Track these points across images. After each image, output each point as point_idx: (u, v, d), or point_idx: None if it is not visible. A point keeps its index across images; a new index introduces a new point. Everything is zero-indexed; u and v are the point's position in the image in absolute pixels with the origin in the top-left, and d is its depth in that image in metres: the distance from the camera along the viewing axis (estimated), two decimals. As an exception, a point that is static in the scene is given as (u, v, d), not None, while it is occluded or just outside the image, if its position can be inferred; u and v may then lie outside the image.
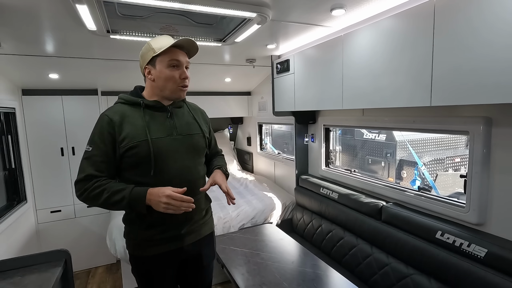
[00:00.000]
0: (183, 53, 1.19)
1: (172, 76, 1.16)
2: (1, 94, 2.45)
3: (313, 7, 1.56)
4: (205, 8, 1.44)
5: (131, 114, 1.15)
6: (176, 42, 1.15)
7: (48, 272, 1.29)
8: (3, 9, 1.41)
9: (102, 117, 1.15)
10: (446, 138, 3.99)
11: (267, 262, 1.86)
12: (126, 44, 2.07)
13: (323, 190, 2.51)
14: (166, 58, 1.15)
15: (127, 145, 1.10)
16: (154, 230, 1.18)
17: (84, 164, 1.11)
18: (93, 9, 1.39)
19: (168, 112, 1.22)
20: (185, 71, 1.18)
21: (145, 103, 1.18)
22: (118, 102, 1.22)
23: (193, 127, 1.27)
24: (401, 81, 1.48)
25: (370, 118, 2.14)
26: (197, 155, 1.27)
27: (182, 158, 1.19)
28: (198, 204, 1.25)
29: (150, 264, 1.22)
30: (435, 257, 1.55)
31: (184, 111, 1.30)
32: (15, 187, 2.69)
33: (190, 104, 1.38)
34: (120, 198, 1.06)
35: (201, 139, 1.28)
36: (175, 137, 1.20)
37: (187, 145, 1.22)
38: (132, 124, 1.13)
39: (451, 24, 1.23)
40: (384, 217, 1.92)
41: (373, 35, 1.63)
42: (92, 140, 1.12)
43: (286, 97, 2.59)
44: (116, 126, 1.11)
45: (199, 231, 1.29)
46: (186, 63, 1.20)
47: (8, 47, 2.01)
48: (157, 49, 1.14)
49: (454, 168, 3.68)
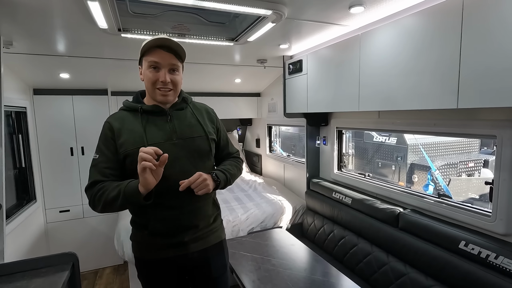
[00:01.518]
0: (168, 55, 1.09)
1: (150, 78, 1.10)
2: (13, 93, 2.45)
3: (331, 5, 1.50)
4: (220, 5, 1.39)
5: (130, 120, 1.13)
6: (153, 42, 1.07)
7: (55, 276, 1.25)
8: (15, 6, 1.39)
9: (104, 124, 1.14)
10: (459, 142, 3.86)
11: (279, 269, 1.79)
12: (137, 44, 2.00)
13: (335, 194, 2.44)
14: (148, 59, 1.09)
15: (124, 152, 1.08)
16: (158, 235, 1.15)
17: (91, 172, 1.09)
18: (105, 6, 1.36)
19: (167, 116, 1.16)
20: (163, 74, 1.08)
21: (143, 108, 1.14)
22: (121, 108, 1.20)
23: (195, 130, 1.20)
24: (424, 82, 1.41)
25: (386, 121, 2.06)
26: (200, 160, 1.19)
27: (182, 164, 1.12)
28: (203, 211, 1.21)
29: (154, 269, 1.18)
30: (458, 268, 1.47)
31: (186, 113, 1.22)
32: (25, 186, 2.69)
33: (195, 104, 1.30)
34: (116, 193, 1.01)
35: (204, 141, 1.20)
36: (175, 141, 1.13)
37: (188, 150, 1.15)
38: (130, 131, 1.11)
39: (481, 21, 1.16)
40: (401, 224, 1.83)
41: (394, 33, 1.56)
42: (98, 148, 1.11)
43: (298, 98, 2.53)
44: (116, 132, 1.10)
45: (206, 239, 1.23)
46: (170, 65, 1.10)
47: (20, 46, 2.00)
48: (143, 48, 1.10)
49: (468, 173, 3.56)
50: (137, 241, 1.21)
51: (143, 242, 1.18)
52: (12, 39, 1.86)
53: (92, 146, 1.15)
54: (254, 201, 2.95)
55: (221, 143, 1.35)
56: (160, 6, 1.70)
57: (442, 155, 3.88)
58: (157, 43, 1.07)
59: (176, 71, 1.13)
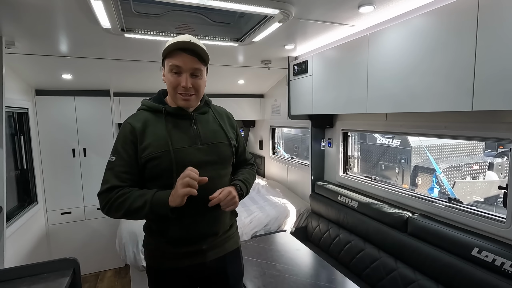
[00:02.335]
0: (190, 58, 1.04)
1: (171, 83, 1.05)
2: (15, 94, 2.43)
3: (340, 4, 1.46)
4: (228, 4, 1.35)
5: (153, 123, 1.08)
6: (175, 44, 1.01)
7: (55, 282, 1.21)
8: (17, 6, 1.36)
9: (125, 125, 1.09)
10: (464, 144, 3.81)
11: (284, 274, 1.74)
12: (140, 44, 2.01)
13: (341, 198, 2.39)
14: (169, 62, 1.05)
15: (148, 156, 1.04)
16: (176, 242, 1.10)
17: (107, 175, 1.04)
18: (108, 5, 1.33)
19: (191, 119, 1.12)
20: (185, 79, 1.03)
21: (167, 110, 1.09)
22: (140, 108, 1.15)
23: (218, 135, 1.16)
24: (438, 84, 1.36)
25: (395, 123, 2.01)
26: (223, 166, 1.16)
27: (206, 169, 1.07)
28: (223, 218, 1.17)
29: (170, 279, 1.13)
30: (471, 276, 1.42)
31: (209, 117, 1.19)
32: (26, 188, 2.66)
33: (216, 108, 1.27)
34: (142, 204, 0.99)
35: (227, 148, 1.17)
36: (199, 146, 1.10)
37: (211, 155, 1.11)
38: (154, 134, 1.06)
39: (497, 21, 1.11)
40: (410, 230, 1.78)
41: (404, 34, 1.52)
42: (116, 150, 1.06)
43: (303, 100, 2.49)
44: (138, 135, 1.05)
45: (223, 246, 1.19)
46: (192, 70, 1.04)
47: (22, 47, 1.97)
48: (165, 51, 1.05)
49: (472, 176, 3.51)
50: (151, 249, 1.16)
51: (158, 250, 1.13)
52: (14, 40, 1.83)
53: (94, 147, 1.12)
54: (258, 204, 2.91)
55: (239, 150, 1.31)
56: (164, 5, 1.67)
57: (446, 157, 3.82)
58: (179, 46, 1.02)
59: (198, 75, 1.07)
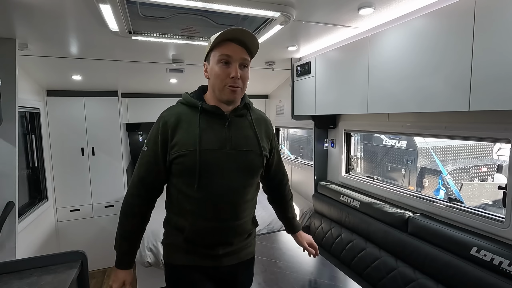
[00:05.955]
0: (239, 48, 1.00)
1: (220, 74, 1.00)
2: (27, 94, 2.52)
3: (339, 6, 1.49)
4: (229, 7, 1.40)
5: (187, 118, 1.05)
6: (224, 35, 0.97)
7: (64, 274, 1.27)
8: (30, 10, 1.43)
9: (160, 117, 1.08)
10: (472, 146, 3.77)
11: (285, 271, 1.78)
12: (147, 46, 2.07)
13: (343, 197, 2.41)
14: (217, 53, 1.00)
15: (176, 152, 1.02)
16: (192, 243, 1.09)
17: (138, 167, 1.09)
18: (116, 9, 1.39)
19: (226, 121, 1.06)
20: (235, 69, 0.99)
21: (203, 107, 1.05)
22: (179, 101, 1.12)
23: (250, 143, 1.09)
24: (435, 84, 1.38)
25: (396, 124, 2.03)
26: (249, 176, 1.08)
27: (230, 176, 1.03)
28: (241, 228, 1.11)
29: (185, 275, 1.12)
30: (469, 275, 1.43)
31: (245, 122, 1.12)
32: (37, 185, 2.75)
33: (256, 112, 1.19)
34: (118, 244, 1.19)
35: (257, 157, 1.09)
36: (228, 151, 1.04)
37: (239, 162, 1.05)
38: (185, 130, 1.03)
39: (494, 22, 1.13)
40: (410, 229, 1.80)
41: (403, 35, 1.54)
42: (149, 140, 1.07)
43: (306, 101, 2.52)
44: (170, 130, 1.03)
45: (238, 254, 1.15)
46: (241, 60, 1.00)
47: (35, 49, 2.05)
48: (214, 41, 1.00)
49: (481, 178, 3.47)
50: (170, 244, 1.13)
51: (178, 245, 1.10)
52: (27, 42, 1.91)
53: (103, 146, 1.17)
54: (261, 203, 2.89)
55: (274, 161, 1.26)
56: (170, 9, 1.72)
57: (453, 159, 3.79)
58: (228, 36, 0.98)
59: (246, 67, 1.04)
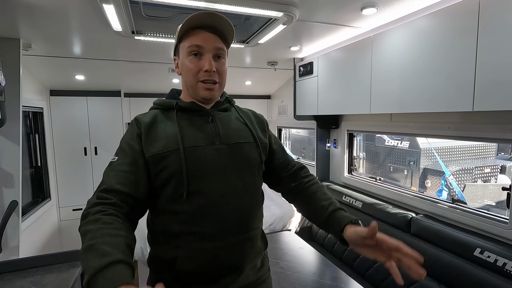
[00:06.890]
0: (212, 36, 0.83)
1: (191, 68, 0.82)
2: (31, 94, 2.54)
3: (342, 6, 1.49)
4: (232, 7, 1.40)
5: (163, 120, 0.87)
6: (191, 21, 0.80)
7: (67, 272, 1.28)
8: (34, 10, 1.44)
9: (132, 121, 0.89)
10: (475, 147, 3.75)
11: (287, 272, 1.77)
12: (150, 46, 2.07)
13: (345, 198, 2.40)
14: (186, 44, 0.83)
15: (153, 154, 0.80)
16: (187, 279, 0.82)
17: (104, 176, 0.81)
18: (119, 9, 1.39)
19: (209, 116, 0.88)
20: (208, 61, 0.81)
21: (179, 104, 0.88)
22: (151, 108, 0.93)
23: (242, 134, 0.90)
24: (439, 84, 1.37)
25: (399, 124, 2.02)
26: (250, 173, 0.88)
27: (227, 177, 0.83)
28: (251, 246, 0.87)
29: None
30: (473, 276, 1.42)
31: (231, 116, 0.94)
32: (40, 184, 2.77)
33: (241, 108, 1.02)
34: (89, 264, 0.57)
35: (254, 149, 0.90)
36: (218, 146, 0.84)
37: (234, 158, 0.85)
38: (163, 130, 0.84)
39: (497, 22, 1.13)
40: (413, 230, 1.79)
41: (407, 35, 1.53)
42: (120, 148, 0.84)
43: (308, 101, 2.52)
44: (144, 130, 0.83)
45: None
46: (215, 50, 0.83)
47: (38, 49, 2.07)
48: (180, 31, 0.84)
49: (484, 179, 3.46)
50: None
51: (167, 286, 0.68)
52: (31, 42, 1.92)
53: (105, 146, 1.15)
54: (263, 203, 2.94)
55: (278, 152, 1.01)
56: (173, 9, 1.73)
57: (456, 160, 3.77)
58: (197, 23, 0.81)
59: (222, 58, 0.86)
